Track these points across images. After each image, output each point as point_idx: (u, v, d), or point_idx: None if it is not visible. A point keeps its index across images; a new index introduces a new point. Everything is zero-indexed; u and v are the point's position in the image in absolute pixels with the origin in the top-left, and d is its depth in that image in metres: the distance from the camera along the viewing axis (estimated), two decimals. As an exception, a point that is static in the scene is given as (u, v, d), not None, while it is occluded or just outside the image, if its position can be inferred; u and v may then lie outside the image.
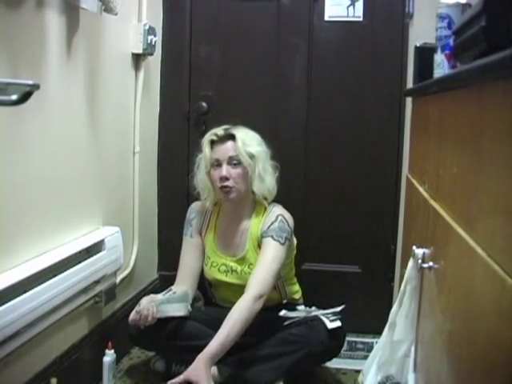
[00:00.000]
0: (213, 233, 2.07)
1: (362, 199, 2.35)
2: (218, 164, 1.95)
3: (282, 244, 1.93)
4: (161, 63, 2.40)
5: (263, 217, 2.01)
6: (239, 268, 2.00)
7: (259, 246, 1.98)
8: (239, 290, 1.92)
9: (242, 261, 2.01)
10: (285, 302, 2.05)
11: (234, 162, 1.94)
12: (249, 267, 1.99)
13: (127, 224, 2.14)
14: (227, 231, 2.06)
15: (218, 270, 2.02)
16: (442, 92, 1.09)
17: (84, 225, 1.78)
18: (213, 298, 2.15)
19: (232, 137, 1.95)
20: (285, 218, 1.98)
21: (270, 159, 2.01)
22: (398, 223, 2.25)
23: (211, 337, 1.91)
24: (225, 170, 1.93)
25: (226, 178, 1.92)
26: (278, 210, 2.01)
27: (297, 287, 2.13)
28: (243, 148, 1.94)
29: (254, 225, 2.02)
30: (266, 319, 1.94)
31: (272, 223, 1.97)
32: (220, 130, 1.98)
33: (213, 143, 1.97)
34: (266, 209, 2.03)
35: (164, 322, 1.88)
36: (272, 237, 1.93)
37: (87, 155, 1.80)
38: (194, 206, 2.12)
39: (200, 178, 2.01)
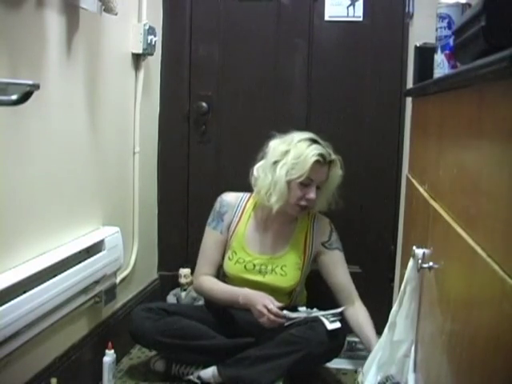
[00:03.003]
0: (244, 228, 2.04)
1: (362, 199, 2.35)
2: (308, 184, 1.92)
3: (342, 252, 2.08)
4: (161, 63, 2.40)
5: (310, 221, 2.06)
6: (270, 267, 1.99)
7: (305, 247, 2.03)
8: (259, 289, 1.92)
9: (276, 260, 2.00)
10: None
11: (320, 185, 1.95)
12: (282, 268, 1.99)
13: (127, 224, 2.14)
14: (265, 230, 2.04)
15: (245, 267, 2.00)
16: (441, 92, 1.09)
17: (84, 225, 1.78)
18: None
19: (330, 162, 1.95)
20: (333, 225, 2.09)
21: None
22: (398, 223, 2.24)
23: (213, 337, 1.92)
24: (315, 193, 1.92)
25: (312, 201, 1.93)
26: (323, 216, 2.08)
27: (305, 292, 2.14)
28: (336, 179, 1.98)
29: (299, 228, 2.05)
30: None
31: (331, 233, 2.06)
32: (326, 152, 1.92)
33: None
34: (309, 212, 2.05)
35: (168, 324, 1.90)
36: (339, 249, 2.06)
37: (87, 155, 1.80)
38: (227, 199, 2.07)
39: (279, 182, 1.90)
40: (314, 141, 1.94)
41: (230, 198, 2.07)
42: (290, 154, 1.90)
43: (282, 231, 2.04)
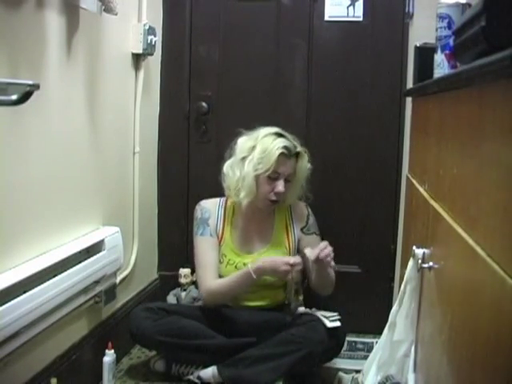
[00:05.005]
0: (229, 231, 2.05)
1: (362, 199, 2.35)
2: (275, 177, 1.94)
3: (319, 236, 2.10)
4: (161, 63, 2.40)
5: (287, 209, 2.08)
6: None
7: (288, 237, 2.05)
8: (254, 285, 1.92)
9: (265, 255, 2.01)
10: (287, 302, 2.05)
11: (289, 178, 1.96)
12: None
13: (127, 224, 2.14)
14: (247, 228, 2.06)
15: (236, 267, 2.00)
16: (442, 92, 1.09)
17: (84, 225, 1.78)
18: None
19: (296, 154, 1.97)
20: (310, 207, 2.11)
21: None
22: (398, 223, 2.25)
23: (213, 337, 1.92)
24: (283, 186, 1.93)
25: (281, 194, 1.94)
26: (298, 201, 2.10)
27: (301, 291, 2.14)
28: (304, 172, 1.99)
29: (279, 219, 2.07)
30: (266, 319, 1.95)
31: (308, 217, 2.09)
32: (291, 144, 1.94)
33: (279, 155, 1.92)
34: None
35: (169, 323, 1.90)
36: (315, 233, 2.09)
37: (87, 155, 1.80)
38: (206, 205, 2.08)
39: (247, 177, 1.93)
40: (279, 135, 1.97)
41: (208, 204, 2.09)
42: (257, 149, 1.94)
43: (263, 226, 2.06)
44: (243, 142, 1.99)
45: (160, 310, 1.97)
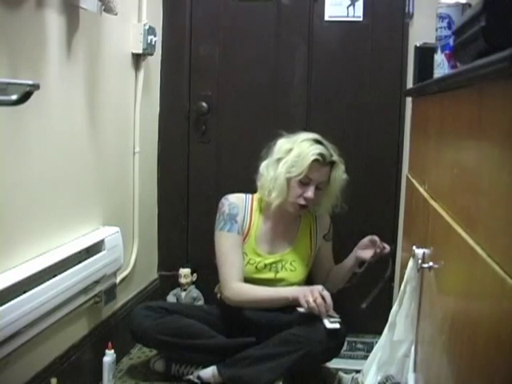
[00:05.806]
0: (254, 230, 2.03)
1: (362, 199, 2.35)
2: (307, 183, 1.93)
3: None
4: (161, 63, 2.40)
5: (312, 216, 2.10)
6: (280, 265, 2.01)
7: (310, 243, 2.08)
8: (271, 285, 1.94)
9: (286, 257, 2.02)
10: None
11: (321, 186, 1.96)
12: (291, 264, 2.02)
13: (127, 224, 2.14)
14: (273, 229, 2.05)
15: (256, 267, 2.00)
16: (442, 92, 1.09)
17: (84, 225, 1.78)
18: None
19: (332, 163, 1.96)
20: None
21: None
22: (398, 223, 2.25)
23: (213, 336, 1.92)
24: (313, 192, 1.92)
25: (310, 200, 1.94)
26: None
27: None
28: (338, 182, 1.98)
29: (304, 224, 2.09)
30: (266, 319, 1.95)
31: (330, 225, 2.14)
32: (326, 152, 1.93)
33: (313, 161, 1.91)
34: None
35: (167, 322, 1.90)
36: (332, 239, 2.16)
37: (87, 155, 1.80)
38: (234, 200, 2.03)
39: (279, 178, 1.92)
40: (317, 141, 1.96)
41: (236, 199, 2.03)
42: (292, 152, 1.93)
43: (288, 229, 2.06)
44: (281, 144, 1.98)
45: (161, 308, 1.96)
